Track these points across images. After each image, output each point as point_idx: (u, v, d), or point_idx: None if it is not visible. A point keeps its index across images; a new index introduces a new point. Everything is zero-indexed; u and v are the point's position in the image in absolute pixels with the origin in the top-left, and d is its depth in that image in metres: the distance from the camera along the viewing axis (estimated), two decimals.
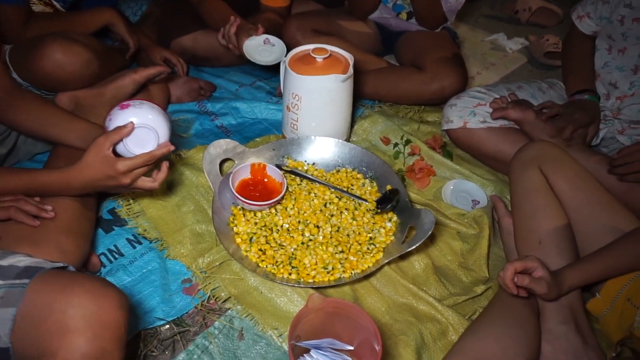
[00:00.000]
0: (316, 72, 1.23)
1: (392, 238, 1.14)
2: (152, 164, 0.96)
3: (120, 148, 0.96)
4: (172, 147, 0.97)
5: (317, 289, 1.03)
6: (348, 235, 1.14)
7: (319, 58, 1.25)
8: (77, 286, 0.68)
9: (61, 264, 0.77)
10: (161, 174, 0.99)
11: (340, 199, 1.22)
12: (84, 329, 0.65)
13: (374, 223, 1.17)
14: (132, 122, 0.94)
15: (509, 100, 1.39)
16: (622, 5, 1.22)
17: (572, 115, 1.26)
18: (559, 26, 2.32)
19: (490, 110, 1.37)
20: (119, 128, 0.93)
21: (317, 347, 0.82)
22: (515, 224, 1.14)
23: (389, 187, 1.23)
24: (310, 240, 1.12)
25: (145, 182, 0.98)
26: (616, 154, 1.15)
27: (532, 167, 1.14)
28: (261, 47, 1.49)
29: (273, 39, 1.51)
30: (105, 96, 1.29)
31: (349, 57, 1.29)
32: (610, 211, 1.04)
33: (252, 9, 1.74)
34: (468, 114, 1.39)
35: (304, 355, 0.81)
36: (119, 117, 0.96)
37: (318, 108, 1.28)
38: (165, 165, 1.00)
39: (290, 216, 1.17)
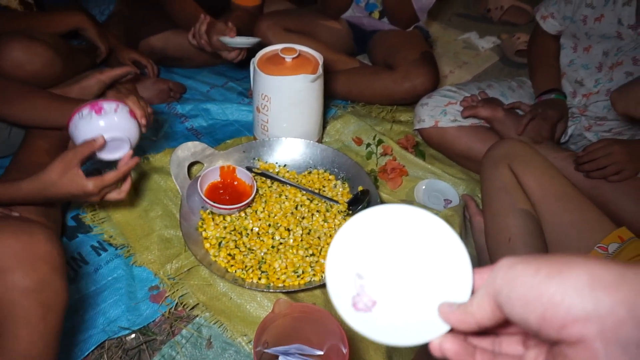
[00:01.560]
0: (285, 72, 1.22)
1: None
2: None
3: None
4: (138, 160, 0.95)
5: (287, 293, 1.02)
6: (319, 237, 1.13)
7: (288, 58, 1.23)
8: None
9: None
10: (126, 185, 0.97)
11: (311, 201, 1.21)
12: (17, 266, 0.66)
13: None
14: (102, 137, 0.90)
15: (479, 98, 1.39)
16: (584, 5, 1.23)
17: (545, 116, 1.27)
18: (530, 24, 2.34)
19: (461, 108, 1.37)
20: (88, 143, 0.89)
21: (285, 353, 0.81)
22: (485, 222, 1.14)
23: (360, 188, 1.22)
24: (281, 243, 1.10)
25: (111, 195, 0.95)
26: (582, 151, 1.17)
27: (501, 165, 1.15)
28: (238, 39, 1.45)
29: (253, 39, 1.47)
30: (69, 96, 1.25)
31: (318, 56, 1.28)
32: (577, 207, 1.05)
33: (222, 8, 1.72)
34: (439, 113, 1.39)
35: None
36: (86, 126, 0.92)
37: (288, 109, 1.26)
38: (129, 175, 0.97)
39: (260, 219, 1.15)
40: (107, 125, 0.93)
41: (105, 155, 0.96)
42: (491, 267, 0.33)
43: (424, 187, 1.35)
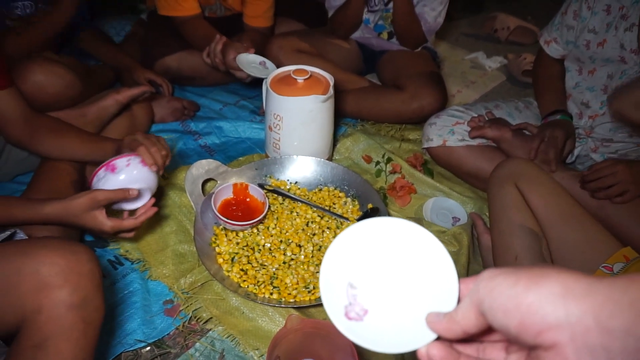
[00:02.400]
0: (297, 92, 1.26)
1: None
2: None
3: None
4: (156, 210, 1.01)
5: (298, 308, 1.04)
6: None
7: (300, 79, 1.27)
8: (41, 248, 0.72)
9: (9, 232, 0.81)
10: (137, 227, 1.00)
11: (322, 218, 1.24)
12: (63, 283, 0.69)
13: None
14: (136, 190, 0.96)
15: (486, 118, 1.42)
16: (586, 31, 1.27)
17: (553, 138, 1.28)
18: (536, 44, 2.36)
19: (469, 128, 1.40)
20: (122, 191, 0.94)
21: None
22: (493, 240, 1.16)
23: (370, 206, 1.24)
24: (292, 259, 1.13)
25: (122, 234, 1.01)
26: (587, 170, 1.19)
27: (508, 184, 1.17)
28: (254, 65, 1.49)
29: (269, 63, 1.49)
30: (87, 116, 1.30)
31: (329, 77, 1.32)
32: (583, 226, 1.07)
33: (236, 29, 1.77)
34: (447, 132, 1.42)
35: None
36: (107, 186, 0.98)
37: (299, 128, 1.30)
38: (143, 215, 1.01)
39: (272, 235, 1.18)
40: (127, 179, 0.99)
41: (127, 206, 1.02)
42: (475, 277, 0.36)
43: (432, 204, 1.38)
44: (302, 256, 1.14)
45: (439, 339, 0.39)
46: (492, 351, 0.39)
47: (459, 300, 0.41)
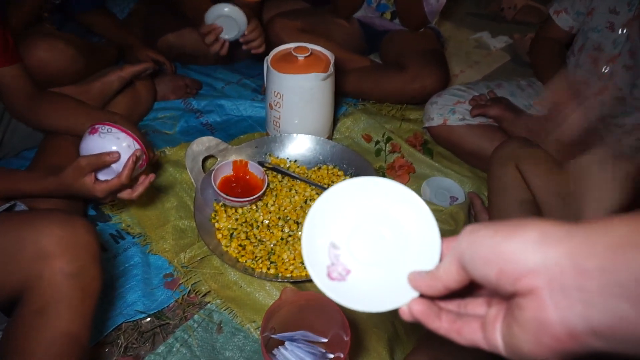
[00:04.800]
0: (297, 70, 1.26)
1: None
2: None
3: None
4: (152, 177, 1.00)
5: (294, 283, 1.06)
6: None
7: (300, 57, 1.27)
8: (41, 219, 0.75)
9: (8, 204, 0.85)
10: (140, 187, 1.00)
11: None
12: (63, 252, 0.72)
13: None
14: (117, 153, 0.95)
15: (488, 98, 1.42)
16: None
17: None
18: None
19: (470, 107, 1.40)
20: (102, 155, 0.94)
21: (291, 339, 0.85)
22: (490, 219, 1.17)
23: None
24: (290, 236, 1.15)
25: (123, 194, 0.99)
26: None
27: (508, 164, 1.18)
28: (221, 18, 1.42)
29: (232, 10, 1.41)
30: (91, 93, 1.31)
31: (330, 55, 1.31)
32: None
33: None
34: (448, 111, 1.42)
35: (278, 347, 0.84)
36: (92, 141, 0.97)
37: (299, 106, 1.30)
38: (146, 179, 1.01)
39: (270, 212, 1.19)
40: (108, 142, 0.97)
41: (102, 177, 0.99)
42: (457, 237, 0.37)
43: (430, 184, 1.38)
44: (300, 232, 1.15)
45: (421, 297, 0.40)
46: (474, 307, 0.40)
47: (441, 259, 0.41)
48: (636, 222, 0.28)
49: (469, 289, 0.39)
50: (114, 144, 0.97)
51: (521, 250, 0.31)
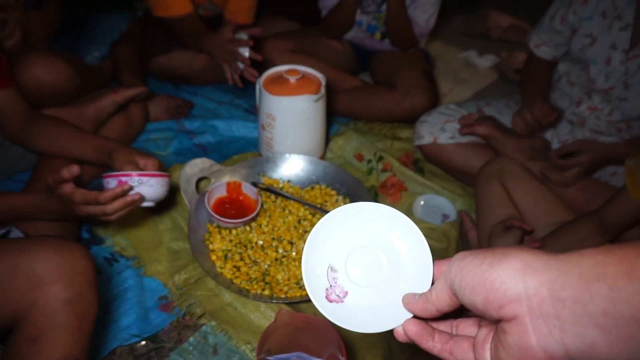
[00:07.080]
0: (289, 92, 1.28)
1: None
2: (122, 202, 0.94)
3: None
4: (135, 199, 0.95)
5: (289, 304, 1.07)
6: None
7: (292, 79, 1.29)
8: (36, 245, 0.74)
9: (4, 230, 0.83)
10: (121, 211, 0.95)
11: (314, 216, 1.26)
12: (58, 279, 0.72)
13: None
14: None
15: (476, 117, 1.45)
16: (582, 36, 1.28)
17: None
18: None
19: (459, 126, 1.43)
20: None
21: None
22: (478, 235, 1.19)
23: None
24: (284, 256, 1.16)
25: (95, 210, 0.92)
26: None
27: (494, 181, 1.21)
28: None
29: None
30: (85, 115, 1.32)
31: (321, 77, 1.34)
32: (565, 221, 1.11)
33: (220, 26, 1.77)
34: (438, 130, 1.45)
35: None
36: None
37: (292, 127, 1.32)
38: (128, 198, 0.95)
39: (264, 233, 1.20)
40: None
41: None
42: (448, 260, 0.39)
43: (422, 202, 1.40)
44: (294, 253, 1.16)
45: (415, 318, 0.42)
46: (465, 327, 0.42)
47: (433, 282, 0.43)
48: (602, 254, 0.31)
49: (460, 310, 0.40)
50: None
51: (504, 279, 0.33)
